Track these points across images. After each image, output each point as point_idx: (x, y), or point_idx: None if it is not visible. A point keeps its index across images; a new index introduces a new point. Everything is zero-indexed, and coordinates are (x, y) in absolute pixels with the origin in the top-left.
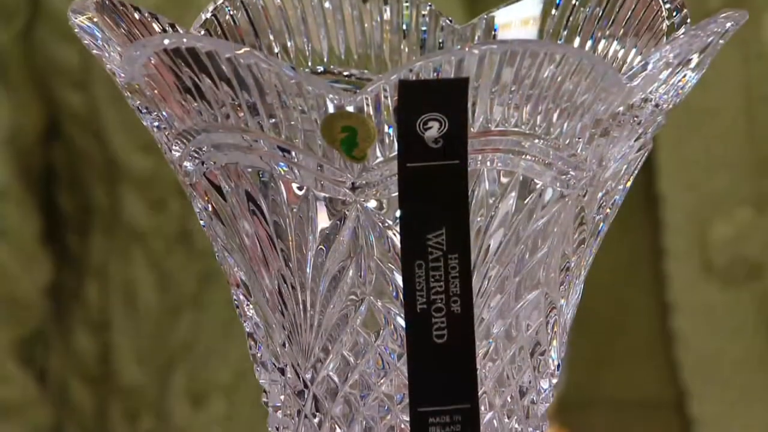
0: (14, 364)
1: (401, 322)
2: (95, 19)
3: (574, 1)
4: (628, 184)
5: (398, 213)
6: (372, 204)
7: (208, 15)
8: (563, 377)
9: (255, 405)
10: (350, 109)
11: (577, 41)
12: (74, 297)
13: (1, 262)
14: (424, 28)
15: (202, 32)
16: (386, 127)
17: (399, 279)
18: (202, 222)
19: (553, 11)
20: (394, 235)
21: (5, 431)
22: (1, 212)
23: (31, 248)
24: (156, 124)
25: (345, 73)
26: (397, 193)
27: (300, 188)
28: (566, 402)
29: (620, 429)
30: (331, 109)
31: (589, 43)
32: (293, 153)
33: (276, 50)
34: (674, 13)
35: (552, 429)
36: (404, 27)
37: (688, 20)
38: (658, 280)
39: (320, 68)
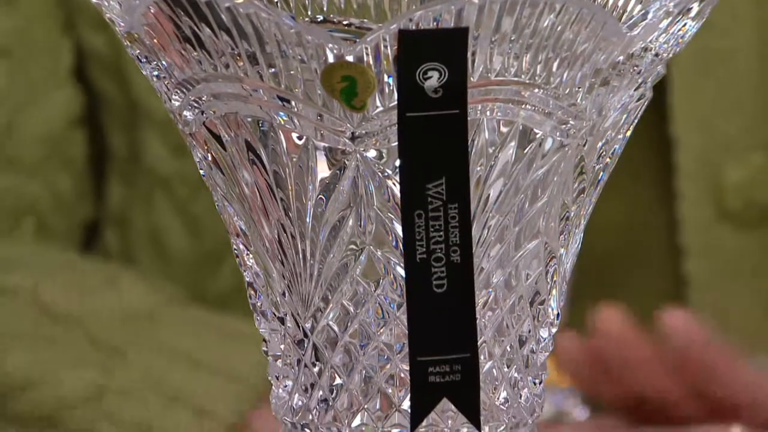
0: None
1: (401, 271)
2: None
3: None
4: (628, 133)
5: (398, 163)
6: (372, 153)
7: None
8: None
9: None
10: (350, 58)
11: None
12: (87, 248)
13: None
14: None
15: None
16: (386, 77)
17: (399, 228)
18: (201, 171)
19: None
20: (394, 184)
21: None
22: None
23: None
24: (155, 73)
25: (344, 22)
26: (396, 143)
27: (300, 138)
28: None
29: None
30: (330, 59)
31: None
32: (293, 103)
33: None
34: None
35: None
36: None
37: None
38: (671, 224)
39: (320, 17)
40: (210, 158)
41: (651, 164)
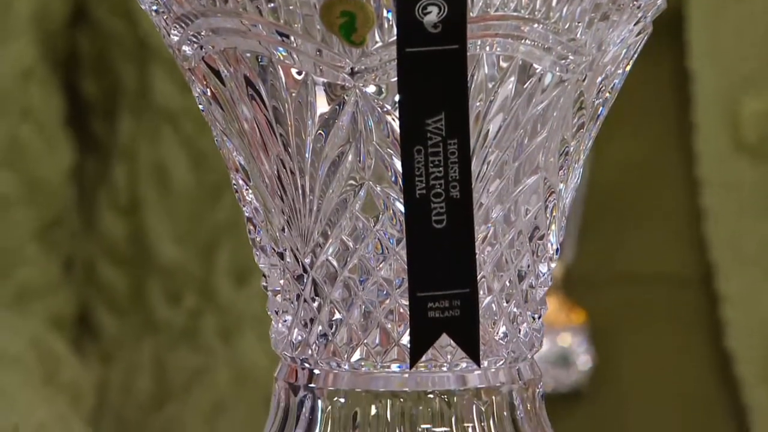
0: (37, 247)
1: (400, 207)
2: None
3: None
4: (628, 68)
5: (397, 98)
6: (371, 89)
7: None
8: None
9: None
10: None
11: None
12: (99, 181)
13: (25, 141)
14: None
15: None
16: (385, 12)
17: (398, 164)
18: (201, 107)
19: None
20: (393, 120)
21: (25, 318)
22: (26, 91)
23: (55, 130)
24: (154, 8)
25: None
26: (396, 78)
27: (299, 73)
28: (591, 278)
29: (647, 304)
30: None
31: None
32: (292, 38)
33: None
34: None
35: (565, 307)
36: None
37: None
38: (688, 156)
39: None
40: (209, 93)
41: (668, 97)
